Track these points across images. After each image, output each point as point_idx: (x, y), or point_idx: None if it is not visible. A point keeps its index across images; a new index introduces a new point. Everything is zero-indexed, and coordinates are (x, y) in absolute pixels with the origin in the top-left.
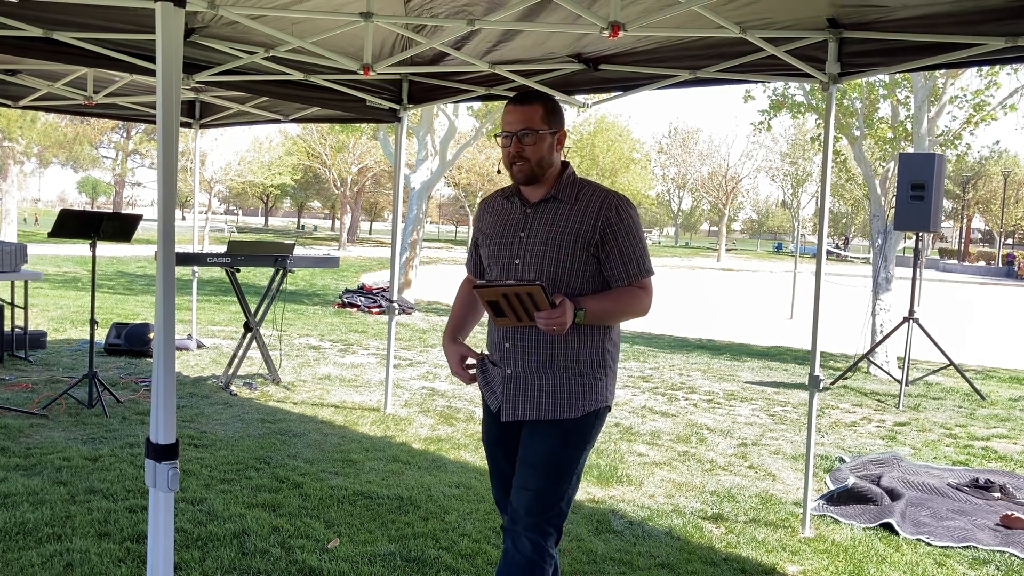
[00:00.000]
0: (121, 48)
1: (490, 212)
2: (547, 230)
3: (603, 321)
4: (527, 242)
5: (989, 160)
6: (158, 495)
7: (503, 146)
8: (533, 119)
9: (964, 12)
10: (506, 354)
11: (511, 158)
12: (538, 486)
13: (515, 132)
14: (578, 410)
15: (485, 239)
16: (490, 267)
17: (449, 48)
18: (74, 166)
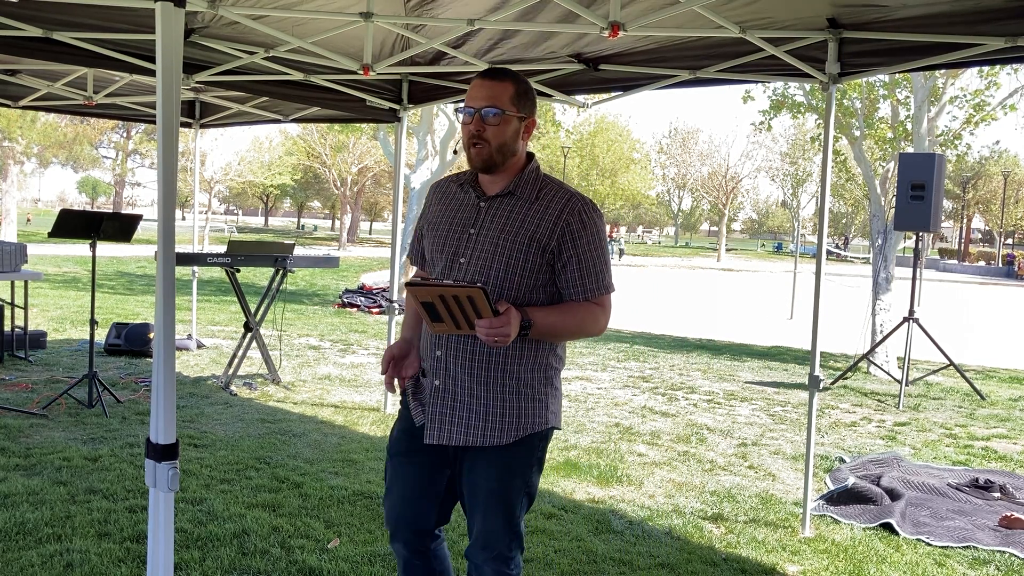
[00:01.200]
0: (121, 48)
1: (440, 199)
2: (500, 229)
3: (550, 338)
4: (476, 239)
5: (989, 160)
6: (158, 495)
7: (464, 123)
8: (501, 98)
9: (964, 12)
10: (437, 363)
11: (470, 138)
12: (491, 526)
13: (478, 109)
14: (512, 435)
15: (431, 229)
16: (432, 262)
17: (449, 48)
18: (74, 166)
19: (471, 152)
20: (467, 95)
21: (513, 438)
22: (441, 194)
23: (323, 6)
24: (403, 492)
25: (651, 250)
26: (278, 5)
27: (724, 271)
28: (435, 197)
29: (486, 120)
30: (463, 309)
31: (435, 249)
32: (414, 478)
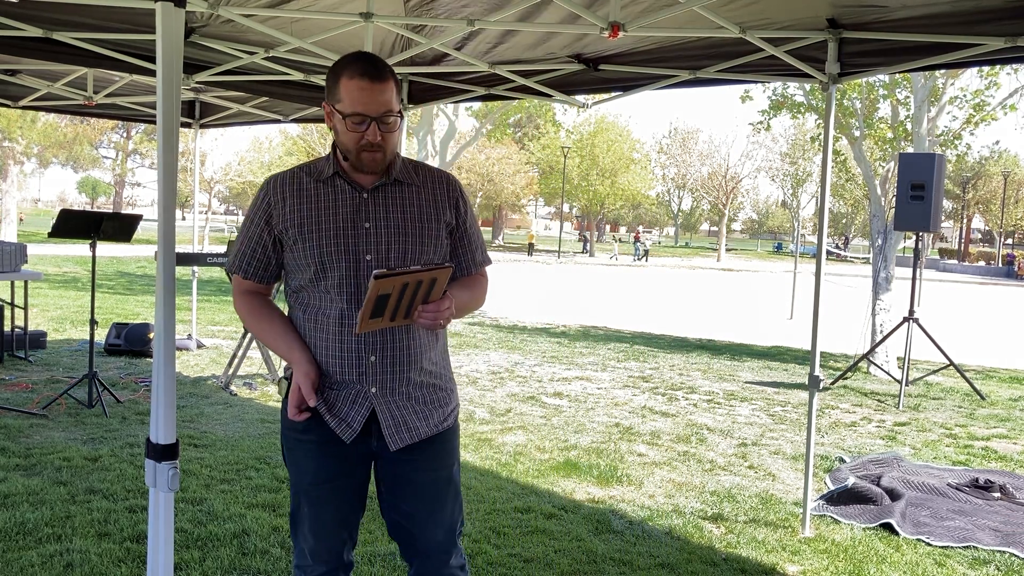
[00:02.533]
0: (121, 48)
1: (300, 198)
2: (401, 216)
3: (461, 315)
4: (376, 233)
5: (989, 160)
6: (158, 495)
7: (351, 129)
8: (392, 100)
9: (964, 12)
10: (369, 368)
11: (365, 145)
12: (450, 516)
13: (375, 117)
14: (452, 417)
15: (308, 231)
16: (322, 265)
17: (449, 48)
18: (74, 166)
19: (364, 157)
20: (351, 99)
21: (453, 421)
22: (297, 192)
23: (323, 6)
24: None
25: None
26: (278, 5)
27: (724, 271)
28: (288, 196)
29: (382, 127)
30: (415, 296)
31: (324, 251)
32: (347, 501)
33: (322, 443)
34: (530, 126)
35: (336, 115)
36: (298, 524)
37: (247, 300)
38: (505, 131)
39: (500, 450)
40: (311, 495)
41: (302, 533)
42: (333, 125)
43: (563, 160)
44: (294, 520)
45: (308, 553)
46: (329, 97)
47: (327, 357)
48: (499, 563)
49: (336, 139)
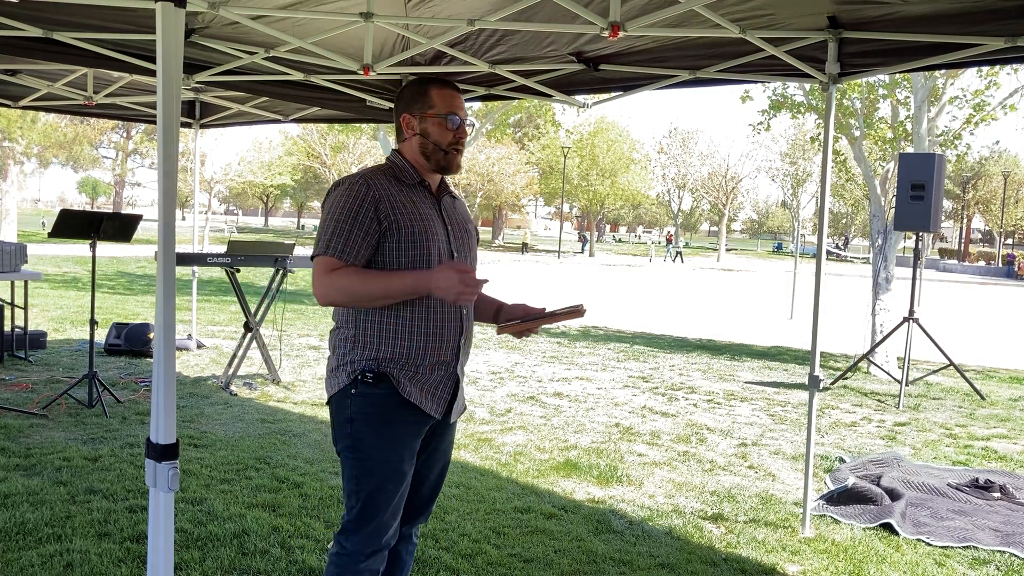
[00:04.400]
0: (121, 48)
1: (396, 197)
2: (461, 224)
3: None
4: (451, 234)
5: (989, 160)
6: (158, 495)
7: (449, 128)
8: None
9: (964, 12)
10: (459, 350)
11: (453, 144)
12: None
13: (464, 119)
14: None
15: (402, 227)
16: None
17: (449, 48)
18: (74, 166)
19: (450, 157)
20: (444, 102)
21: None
22: (391, 190)
23: (323, 6)
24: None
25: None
26: (278, 5)
27: (724, 271)
28: (387, 192)
29: (465, 129)
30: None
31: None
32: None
33: (412, 423)
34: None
35: (428, 119)
36: (378, 507)
37: (342, 271)
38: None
39: (500, 450)
40: (400, 474)
41: (381, 516)
42: (420, 130)
43: (563, 160)
44: (372, 505)
45: (383, 532)
46: (415, 107)
47: (426, 340)
48: (499, 563)
49: (420, 142)
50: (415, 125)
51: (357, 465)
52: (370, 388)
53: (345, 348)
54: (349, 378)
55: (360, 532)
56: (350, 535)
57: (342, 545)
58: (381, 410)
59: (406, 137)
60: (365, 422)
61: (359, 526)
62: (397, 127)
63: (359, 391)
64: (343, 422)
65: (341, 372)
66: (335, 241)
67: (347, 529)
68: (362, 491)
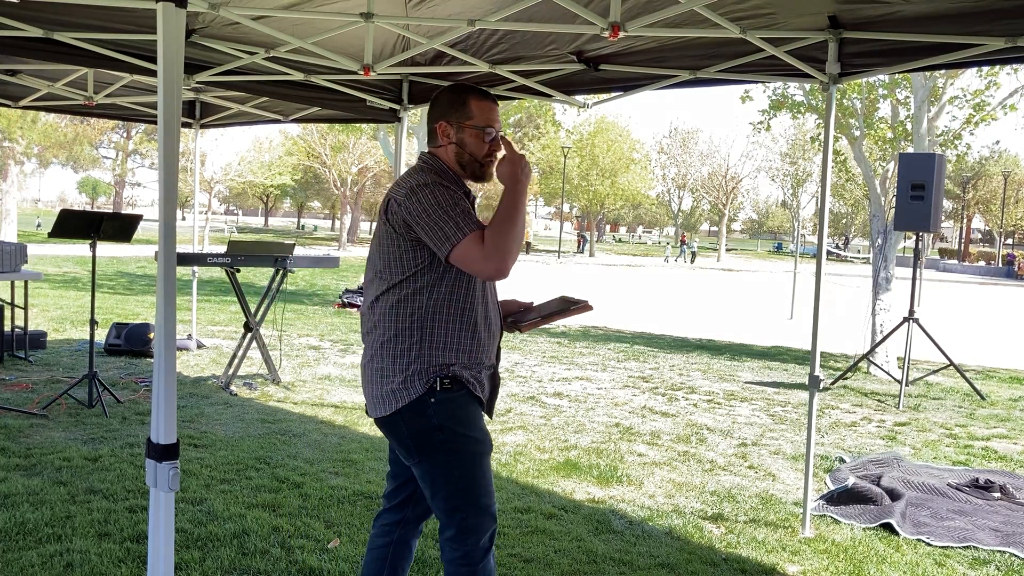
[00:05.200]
0: (122, 48)
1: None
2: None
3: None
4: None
5: (989, 160)
6: (159, 495)
7: (485, 141)
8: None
9: (964, 12)
10: (497, 351)
11: (489, 156)
12: None
13: (499, 132)
14: None
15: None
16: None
17: (449, 48)
18: (74, 166)
19: (485, 168)
20: (483, 115)
21: None
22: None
23: (324, 6)
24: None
25: (651, 250)
26: (279, 6)
27: (724, 271)
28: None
29: (499, 142)
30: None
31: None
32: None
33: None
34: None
35: (466, 129)
36: (488, 494)
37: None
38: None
39: (500, 450)
40: (486, 453)
41: (492, 501)
42: (457, 140)
43: (563, 160)
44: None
45: (491, 512)
46: (453, 115)
47: (475, 341)
48: (499, 563)
49: (456, 150)
50: (451, 134)
51: (458, 466)
52: (448, 393)
53: (409, 357)
54: (425, 387)
55: (478, 525)
56: (469, 533)
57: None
58: (464, 410)
59: (441, 144)
60: (455, 425)
61: (475, 519)
62: (431, 131)
63: (439, 398)
64: (429, 430)
65: (413, 383)
66: (461, 220)
67: (465, 529)
68: (469, 488)
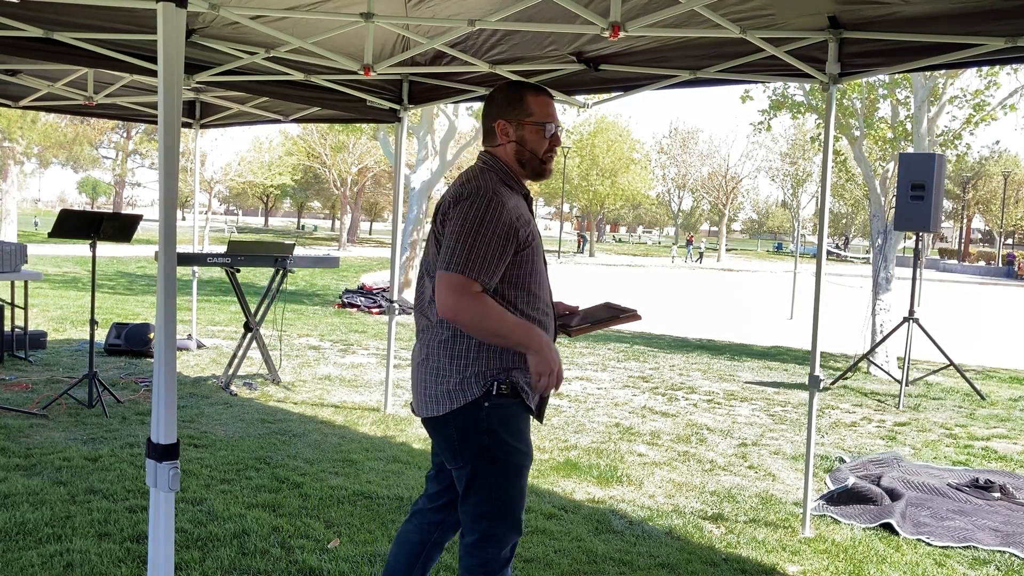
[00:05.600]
0: (122, 48)
1: (515, 211)
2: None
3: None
4: (540, 239)
5: (989, 160)
6: (159, 495)
7: (545, 136)
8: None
9: (964, 12)
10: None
11: (549, 152)
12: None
13: (558, 127)
14: None
15: (527, 240)
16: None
17: (449, 48)
18: (74, 166)
19: (546, 165)
20: (542, 110)
21: None
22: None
23: (324, 7)
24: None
25: (651, 250)
26: (279, 6)
27: (724, 271)
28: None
29: (559, 137)
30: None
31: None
32: None
33: (529, 420)
34: None
35: (526, 126)
36: (520, 506)
37: (486, 300)
38: None
39: None
40: (526, 466)
41: (518, 510)
42: (517, 138)
43: (563, 160)
44: (512, 504)
45: (517, 525)
46: (512, 113)
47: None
48: None
49: (516, 148)
50: (511, 132)
51: (498, 474)
52: (503, 399)
53: (469, 358)
54: (482, 390)
55: (503, 535)
56: (491, 542)
57: (485, 552)
58: (515, 418)
59: (500, 143)
60: (504, 431)
61: (501, 530)
62: (488, 130)
63: (493, 403)
64: (478, 433)
65: (470, 385)
66: (474, 261)
67: (488, 536)
68: (503, 498)
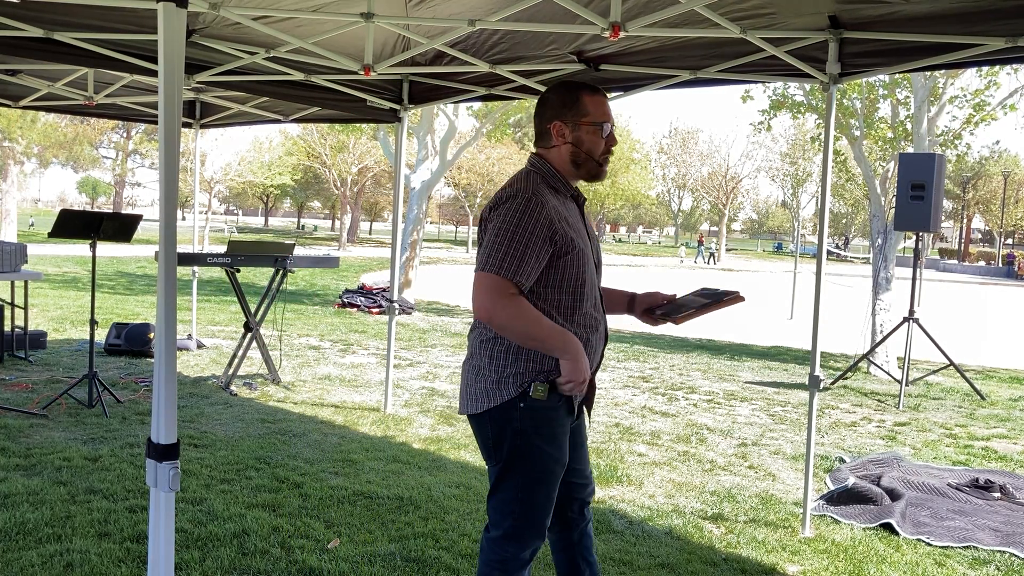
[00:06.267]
0: (122, 48)
1: (557, 214)
2: (590, 230)
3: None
4: (593, 241)
5: (989, 160)
6: (159, 495)
7: (604, 136)
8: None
9: (964, 12)
10: (598, 359)
11: (605, 152)
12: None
13: (614, 127)
14: None
15: (569, 243)
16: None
17: (449, 48)
18: (74, 166)
19: (602, 166)
20: (598, 110)
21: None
22: (556, 207)
23: (324, 7)
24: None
25: (651, 250)
26: (279, 6)
27: (724, 271)
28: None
29: (615, 137)
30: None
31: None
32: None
33: (568, 423)
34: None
35: (583, 127)
36: (545, 511)
37: (520, 301)
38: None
39: None
40: (557, 473)
41: (545, 518)
42: (573, 139)
43: None
44: (537, 507)
45: (544, 530)
46: (567, 114)
47: (588, 350)
48: None
49: (572, 150)
50: (567, 133)
51: (526, 474)
52: (538, 401)
53: (507, 359)
54: (517, 391)
55: (525, 536)
56: (513, 540)
57: (504, 549)
58: (550, 420)
59: (555, 144)
60: (535, 433)
61: (524, 530)
62: (541, 132)
63: (528, 404)
64: (510, 434)
65: (507, 384)
66: (509, 262)
67: (511, 535)
68: (529, 499)
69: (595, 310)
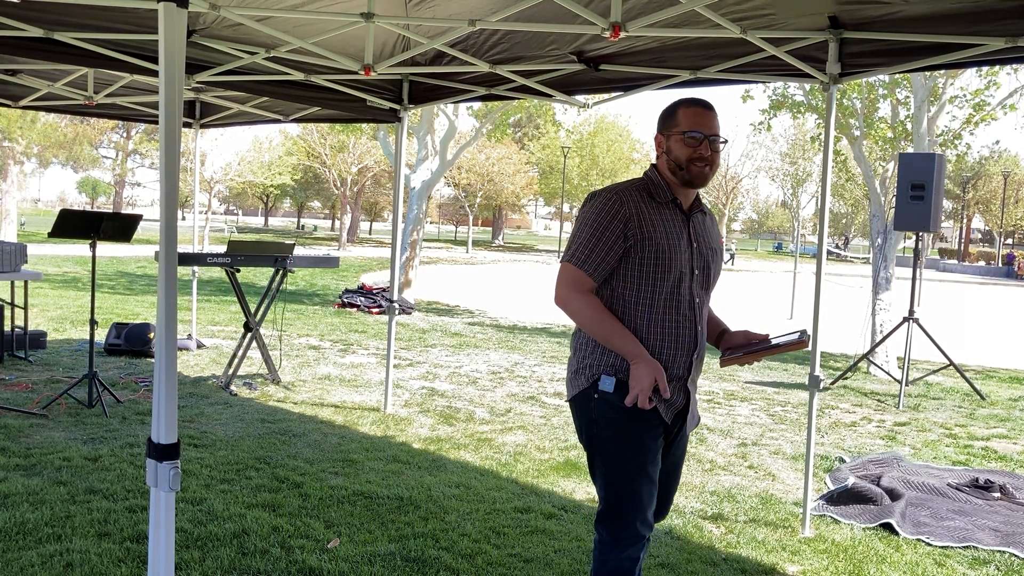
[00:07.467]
0: (122, 48)
1: (646, 215)
2: (707, 242)
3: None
4: (699, 253)
5: (989, 160)
6: (159, 495)
7: (687, 144)
8: (718, 126)
9: (964, 12)
10: (691, 366)
11: (696, 160)
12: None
13: (708, 135)
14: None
15: (648, 243)
16: (662, 275)
17: (449, 48)
18: (74, 166)
19: (693, 169)
20: (688, 120)
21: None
22: (638, 208)
23: (324, 7)
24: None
25: None
26: (280, 6)
27: (724, 271)
28: (633, 211)
29: (713, 146)
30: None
31: (660, 262)
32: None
33: (652, 427)
34: (530, 126)
35: (673, 137)
36: (626, 503)
37: (590, 298)
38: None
39: (500, 450)
40: (644, 474)
41: (628, 511)
42: (667, 148)
43: (563, 160)
44: (622, 501)
45: (639, 526)
46: (665, 127)
47: (662, 354)
48: (499, 563)
49: (667, 159)
50: (663, 144)
51: (604, 464)
52: (609, 395)
53: (586, 351)
54: (589, 382)
55: (612, 523)
56: (603, 523)
57: (600, 532)
58: (622, 414)
59: (659, 155)
60: (608, 425)
61: (610, 517)
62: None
63: (601, 396)
64: (588, 423)
65: (582, 376)
66: (580, 252)
67: (601, 518)
68: (611, 488)
69: (677, 315)
